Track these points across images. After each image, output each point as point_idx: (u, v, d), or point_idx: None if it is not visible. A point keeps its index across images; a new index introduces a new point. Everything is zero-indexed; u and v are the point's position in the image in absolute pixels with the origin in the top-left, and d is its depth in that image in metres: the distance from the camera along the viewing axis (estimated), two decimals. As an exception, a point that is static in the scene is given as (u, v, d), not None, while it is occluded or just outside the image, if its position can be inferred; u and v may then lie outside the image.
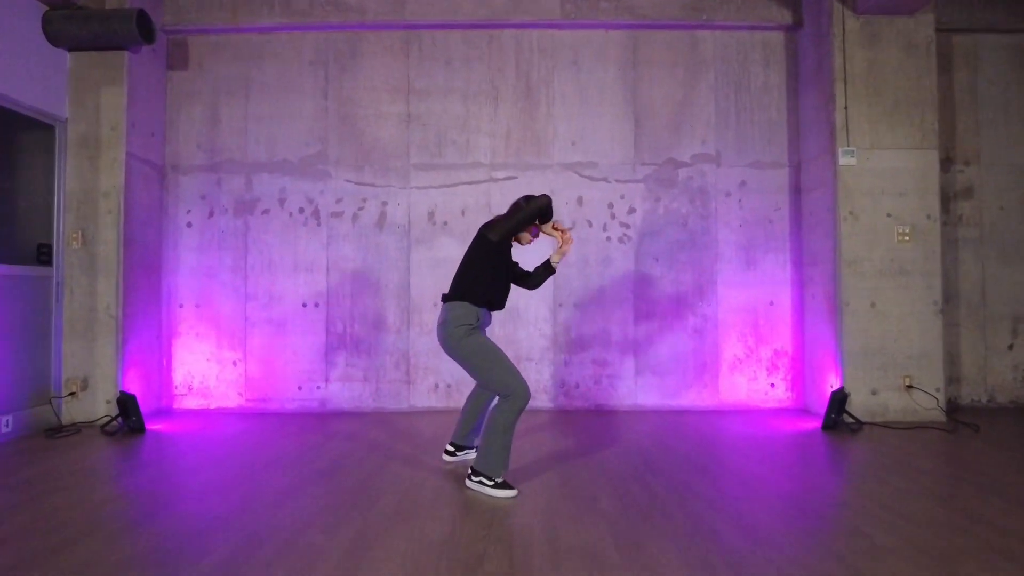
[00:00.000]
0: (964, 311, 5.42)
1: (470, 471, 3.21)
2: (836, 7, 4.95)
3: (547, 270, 3.58)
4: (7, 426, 4.29)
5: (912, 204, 4.92)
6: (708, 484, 3.31)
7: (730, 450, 4.04)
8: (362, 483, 3.32)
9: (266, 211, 5.44)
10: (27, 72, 4.53)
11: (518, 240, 3.45)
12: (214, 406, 5.39)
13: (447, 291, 3.41)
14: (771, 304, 5.42)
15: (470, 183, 5.41)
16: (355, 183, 5.44)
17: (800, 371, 5.41)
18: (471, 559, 2.32)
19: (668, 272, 5.41)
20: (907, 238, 4.90)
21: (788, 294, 5.43)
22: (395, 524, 2.70)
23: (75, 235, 4.87)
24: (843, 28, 4.95)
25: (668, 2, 5.35)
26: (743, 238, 5.44)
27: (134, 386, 4.96)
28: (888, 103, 4.95)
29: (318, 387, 5.37)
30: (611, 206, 5.44)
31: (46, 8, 4.70)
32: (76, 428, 4.64)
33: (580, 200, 5.43)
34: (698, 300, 5.41)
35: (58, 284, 4.83)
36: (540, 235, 3.49)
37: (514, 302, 5.36)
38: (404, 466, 3.66)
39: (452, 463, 3.71)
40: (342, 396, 5.36)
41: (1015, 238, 5.43)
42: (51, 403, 4.70)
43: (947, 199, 5.43)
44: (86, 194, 4.89)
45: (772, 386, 5.40)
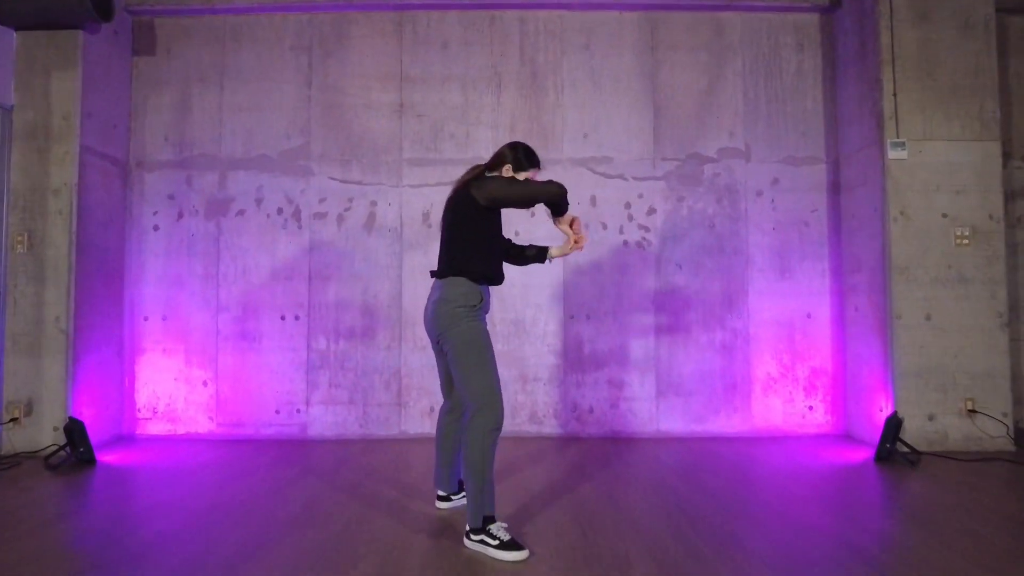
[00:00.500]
0: (1025, 324, 4.83)
1: (468, 529, 2.60)
2: (882, -18, 4.39)
3: (538, 258, 3.03)
4: (-70, 459, 3.69)
5: (972, 203, 4.34)
6: (760, 536, 2.70)
7: (775, 488, 3.43)
8: (339, 537, 2.71)
9: (241, 212, 4.85)
10: (-37, 51, 3.96)
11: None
12: (182, 431, 4.78)
13: (435, 267, 2.84)
14: (808, 317, 4.83)
15: (470, 181, 4.82)
16: (341, 181, 4.85)
17: (841, 392, 4.81)
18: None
19: (693, 280, 4.81)
20: (966, 241, 4.32)
21: (827, 305, 4.84)
22: (373, 603, 2.09)
23: (20, 238, 4.27)
24: (891, 5, 4.38)
25: (691, -21, 4.79)
26: (776, 242, 4.85)
27: (89, 410, 4.35)
28: (943, 89, 4.38)
29: (298, 410, 4.76)
30: (628, 206, 4.85)
31: (-12, -20, 4.14)
32: (16, 460, 4.03)
33: (593, 200, 4.84)
34: (727, 312, 4.81)
35: (0, 294, 4.23)
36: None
37: (520, 314, 4.77)
38: (391, 514, 3.05)
39: (447, 509, 3.10)
40: (325, 421, 4.75)
41: (1082, 242, 4.85)
42: (-12, 431, 4.10)
43: (1005, 199, 4.82)
44: (34, 192, 4.31)
45: (810, 409, 4.80)
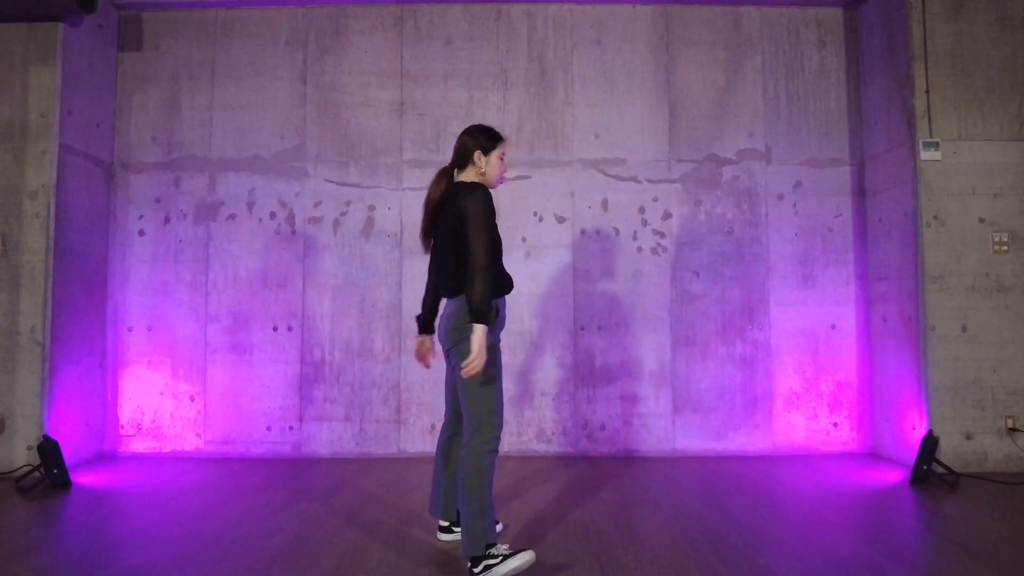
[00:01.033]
0: (1062, 336, 4.56)
1: (469, 564, 2.32)
2: (912, -27, 4.14)
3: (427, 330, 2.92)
4: None
5: (1010, 207, 4.07)
6: (791, 566, 2.43)
7: (803, 513, 3.15)
8: (334, 570, 2.43)
9: (232, 216, 4.58)
10: (-67, 43, 3.70)
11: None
12: (167, 449, 4.50)
13: (448, 283, 2.57)
14: (833, 328, 4.55)
15: (474, 183, 4.55)
16: (337, 183, 4.58)
17: (868, 408, 4.52)
18: None
19: (711, 289, 4.54)
20: (1005, 248, 4.04)
21: (852, 315, 4.56)
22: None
23: (-6, 243, 4.01)
24: (922, -3, 4.13)
25: (708, -29, 4.54)
26: (799, 249, 4.58)
27: (67, 427, 4.07)
28: (978, 86, 4.12)
29: (291, 427, 4.47)
30: (642, 210, 4.58)
31: (-40, -33, 3.88)
32: (-15, 482, 3.75)
33: (605, 203, 4.57)
34: (747, 323, 4.53)
35: (-28, 303, 3.96)
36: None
37: (526, 325, 4.50)
38: (390, 545, 2.76)
39: (450, 541, 2.82)
40: (319, 438, 4.46)
41: (1124, 249, 4.58)
42: (-45, 450, 3.81)
43: (1038, 203, 4.59)
44: (8, 193, 4.04)
45: (835, 426, 4.52)
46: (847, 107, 4.68)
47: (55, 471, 3.69)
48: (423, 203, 2.67)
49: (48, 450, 3.69)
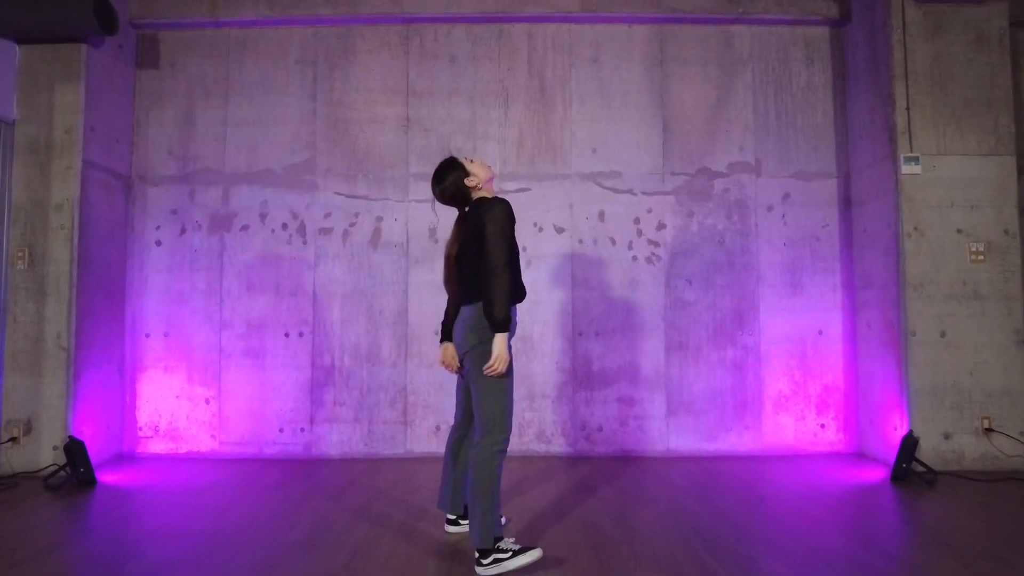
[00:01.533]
0: (1039, 341, 4.76)
1: (477, 555, 2.53)
2: (894, -5, 4.35)
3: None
4: (-74, 481, 3.60)
5: (986, 218, 4.28)
6: (773, 556, 2.63)
7: (790, 509, 3.35)
8: (348, 562, 2.63)
9: (245, 227, 4.79)
10: (-35, 65, 3.91)
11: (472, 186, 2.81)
12: (184, 450, 4.70)
13: (462, 293, 2.77)
14: (820, 333, 4.76)
15: (477, 195, 4.76)
16: (346, 195, 4.79)
17: (853, 410, 4.73)
18: None
19: (703, 296, 4.75)
20: (981, 257, 4.25)
21: (839, 322, 4.77)
22: (387, 640, 2.01)
23: (21, 253, 4.21)
24: (903, 18, 4.34)
25: (700, -8, 4.75)
26: (787, 258, 4.79)
27: (89, 428, 4.27)
28: (956, 103, 4.33)
29: (302, 429, 4.67)
30: (637, 221, 4.79)
31: (-10, -7, 4.09)
32: (15, 480, 3.95)
33: (602, 215, 4.78)
34: (738, 329, 4.74)
35: (0, 310, 4.16)
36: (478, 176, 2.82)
37: (527, 331, 4.70)
38: (401, 538, 2.97)
39: (456, 533, 3.02)
40: (329, 440, 4.66)
41: (1097, 258, 4.78)
42: (-14, 451, 4.01)
43: (1019, 212, 4.78)
44: (35, 206, 4.24)
45: (822, 427, 4.72)
46: (834, 122, 4.89)
47: (81, 470, 3.89)
48: (444, 255, 2.87)
49: (75, 450, 3.90)
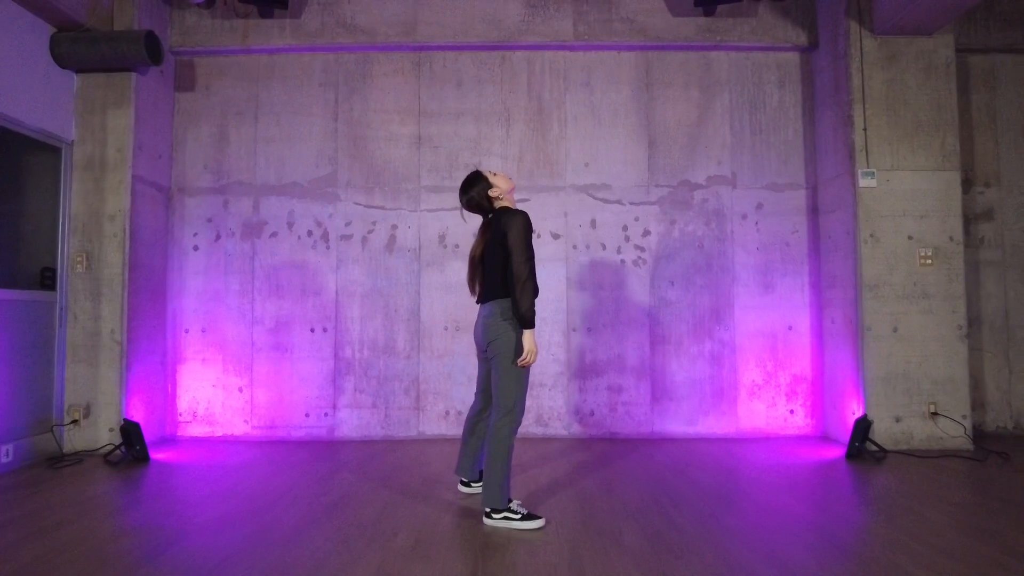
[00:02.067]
0: (987, 335, 5.30)
1: (487, 511, 3.08)
2: (853, 27, 4.89)
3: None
4: (7, 455, 4.16)
5: (934, 226, 4.82)
6: (734, 516, 3.17)
7: (753, 480, 3.91)
8: (376, 518, 3.19)
9: (274, 234, 5.35)
10: (34, 94, 4.46)
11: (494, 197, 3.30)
12: (219, 433, 5.26)
13: (483, 291, 3.22)
14: (789, 329, 5.31)
15: (482, 205, 5.31)
16: (365, 206, 5.35)
17: (819, 397, 5.28)
18: (498, 606, 2.20)
19: (684, 296, 5.30)
20: (929, 261, 4.80)
21: (807, 318, 5.32)
22: (415, 562, 2.57)
23: (80, 258, 4.77)
24: (861, 49, 4.88)
25: (681, 24, 5.29)
26: (760, 261, 5.33)
27: (138, 413, 4.83)
28: (908, 124, 4.87)
29: (326, 414, 5.24)
30: (625, 228, 5.34)
31: (54, 30, 4.64)
32: (78, 458, 4.51)
33: (593, 223, 5.34)
34: (715, 324, 5.29)
35: (61, 309, 4.72)
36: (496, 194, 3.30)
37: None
38: (418, 500, 3.53)
39: (468, 494, 3.57)
40: (350, 423, 5.23)
41: (1038, 261, 5.33)
42: (52, 431, 4.57)
43: (967, 221, 5.33)
44: (91, 217, 4.80)
45: (791, 413, 5.27)
46: (803, 138, 5.43)
47: (137, 448, 4.45)
48: (468, 257, 3.34)
49: (131, 431, 4.46)
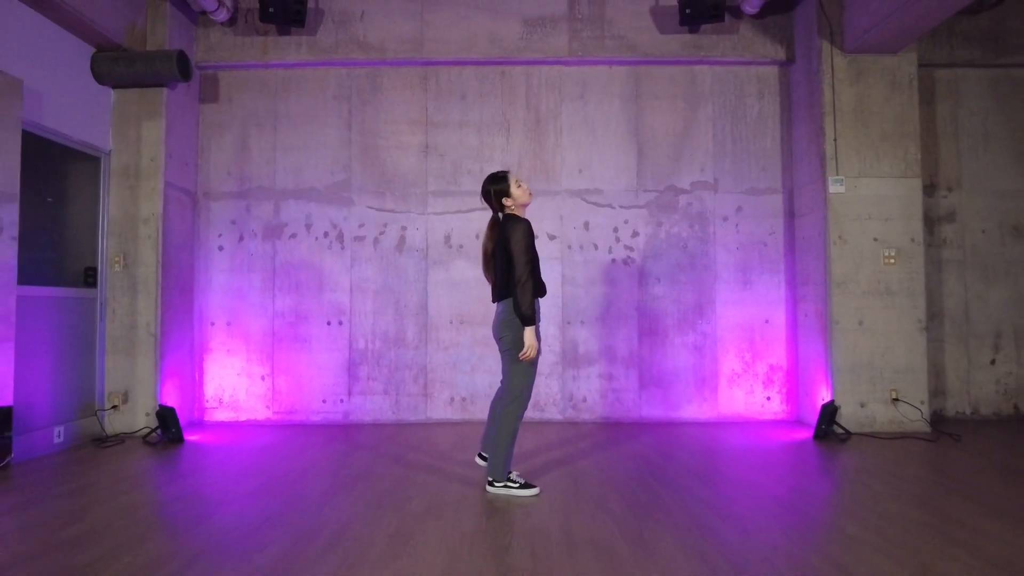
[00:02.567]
0: (949, 328, 5.76)
1: (490, 480, 3.55)
2: (825, 46, 5.33)
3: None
4: (59, 436, 4.64)
5: (897, 229, 5.27)
6: (706, 487, 3.64)
7: (727, 458, 4.38)
8: (393, 488, 3.66)
9: (293, 235, 5.81)
10: (77, 109, 4.92)
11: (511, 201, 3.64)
12: (243, 418, 5.74)
13: (497, 291, 3.61)
14: (766, 322, 5.77)
15: (485, 209, 5.76)
16: (376, 209, 5.81)
17: (794, 385, 5.74)
18: (498, 549, 2.67)
19: (670, 292, 5.76)
20: (892, 261, 5.25)
21: (782, 312, 5.78)
22: (428, 521, 3.04)
23: (117, 258, 5.23)
24: (832, 66, 5.32)
25: (668, 40, 5.74)
26: (740, 260, 5.79)
27: (170, 399, 5.31)
28: (874, 135, 5.32)
29: (341, 400, 5.72)
30: (616, 230, 5.80)
31: (94, 50, 5.10)
32: (120, 439, 4.99)
33: (587, 225, 5.79)
34: (698, 318, 5.76)
35: (102, 304, 5.19)
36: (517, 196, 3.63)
37: (525, 320, 5.72)
38: (429, 473, 4.00)
39: (482, 466, 3.95)
40: (364, 409, 5.71)
41: (995, 259, 5.78)
42: (96, 415, 5.05)
43: (932, 223, 5.79)
44: (127, 220, 5.27)
45: (768, 399, 5.74)
46: (780, 146, 5.88)
47: (172, 430, 4.93)
48: (482, 250, 3.71)
49: (167, 415, 4.94)
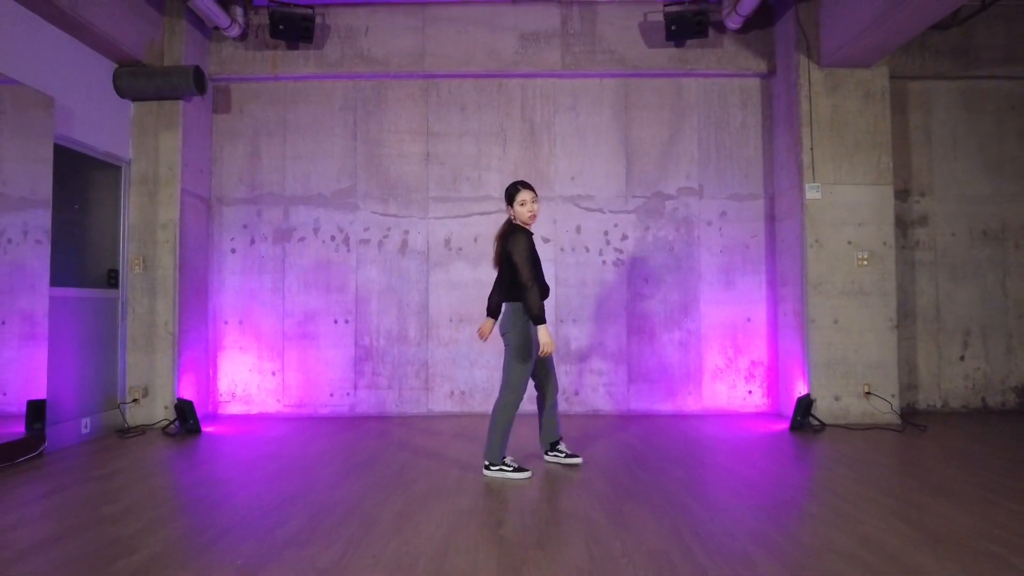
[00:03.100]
0: (920, 325, 6.10)
1: (486, 464, 3.90)
2: (803, 60, 5.66)
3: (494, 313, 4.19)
4: (86, 427, 4.99)
5: (870, 233, 5.61)
6: (683, 472, 3.99)
7: (707, 447, 4.73)
8: (398, 472, 4.01)
9: (302, 239, 6.15)
10: (100, 121, 5.26)
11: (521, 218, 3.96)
12: (255, 411, 6.08)
13: (501, 297, 3.98)
14: (748, 320, 6.11)
15: (482, 214, 6.12)
16: (381, 214, 6.15)
17: (774, 380, 6.09)
18: (493, 522, 3.02)
19: (657, 292, 6.10)
20: (865, 263, 5.59)
21: (763, 311, 6.12)
22: (430, 499, 3.39)
23: (137, 261, 5.57)
24: (809, 78, 5.66)
25: (656, 54, 6.07)
26: (723, 262, 6.13)
27: (187, 393, 5.66)
28: (849, 144, 5.65)
29: (347, 394, 6.06)
30: (606, 233, 6.14)
31: (115, 66, 5.43)
32: (141, 430, 5.34)
33: (579, 228, 6.13)
34: (683, 317, 6.10)
35: (123, 304, 5.53)
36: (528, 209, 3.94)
37: (521, 319, 6.06)
38: (430, 460, 4.35)
39: (551, 461, 4.24)
40: (368, 402, 6.05)
41: (963, 261, 6.12)
42: (119, 408, 5.40)
43: (905, 226, 6.12)
44: (147, 226, 5.61)
45: (750, 393, 6.08)
46: (762, 154, 6.21)
47: (190, 422, 5.28)
48: (495, 237, 4.00)
49: (186, 408, 5.29)
